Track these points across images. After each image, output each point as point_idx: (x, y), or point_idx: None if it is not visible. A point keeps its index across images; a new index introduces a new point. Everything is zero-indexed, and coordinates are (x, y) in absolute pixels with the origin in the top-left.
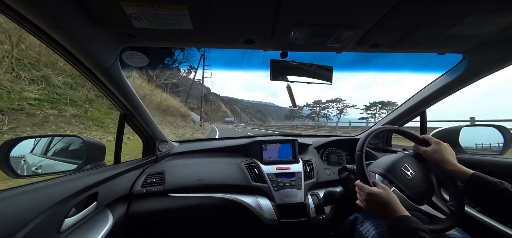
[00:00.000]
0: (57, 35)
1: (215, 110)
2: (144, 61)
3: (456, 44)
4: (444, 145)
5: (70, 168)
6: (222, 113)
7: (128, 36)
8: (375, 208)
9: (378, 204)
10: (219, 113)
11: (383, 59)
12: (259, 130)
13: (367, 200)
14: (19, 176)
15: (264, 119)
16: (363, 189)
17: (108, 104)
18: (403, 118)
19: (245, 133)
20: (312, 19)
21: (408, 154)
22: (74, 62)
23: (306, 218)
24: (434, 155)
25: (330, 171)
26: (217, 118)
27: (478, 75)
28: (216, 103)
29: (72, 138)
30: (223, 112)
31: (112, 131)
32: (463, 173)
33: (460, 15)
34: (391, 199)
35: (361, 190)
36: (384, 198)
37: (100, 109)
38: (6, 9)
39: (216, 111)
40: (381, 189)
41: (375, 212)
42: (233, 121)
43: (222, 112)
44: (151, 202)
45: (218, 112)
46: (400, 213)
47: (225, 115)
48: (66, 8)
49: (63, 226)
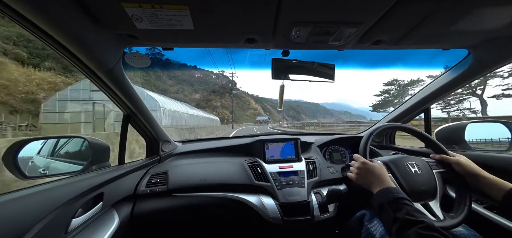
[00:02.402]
0: (61, 37)
1: (242, 107)
2: (147, 62)
3: (461, 39)
4: (465, 158)
5: (76, 169)
6: (252, 110)
7: (130, 37)
8: (365, 179)
9: (369, 175)
10: (249, 111)
11: (386, 56)
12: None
13: (360, 168)
14: (27, 177)
15: (297, 116)
16: (358, 159)
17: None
18: (407, 115)
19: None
20: (313, 17)
21: (429, 162)
22: (78, 63)
23: (310, 216)
24: (466, 168)
25: (333, 169)
26: (246, 118)
27: (484, 70)
28: (244, 99)
29: (77, 139)
30: (253, 109)
31: None
32: (501, 187)
33: (465, 10)
34: (383, 174)
35: (356, 160)
36: (376, 170)
37: None
38: (11, 12)
39: (244, 109)
40: (375, 163)
41: (364, 183)
42: (268, 120)
43: (252, 109)
44: (156, 201)
45: (246, 110)
46: (389, 185)
47: (256, 113)
48: (69, 10)
49: (70, 227)
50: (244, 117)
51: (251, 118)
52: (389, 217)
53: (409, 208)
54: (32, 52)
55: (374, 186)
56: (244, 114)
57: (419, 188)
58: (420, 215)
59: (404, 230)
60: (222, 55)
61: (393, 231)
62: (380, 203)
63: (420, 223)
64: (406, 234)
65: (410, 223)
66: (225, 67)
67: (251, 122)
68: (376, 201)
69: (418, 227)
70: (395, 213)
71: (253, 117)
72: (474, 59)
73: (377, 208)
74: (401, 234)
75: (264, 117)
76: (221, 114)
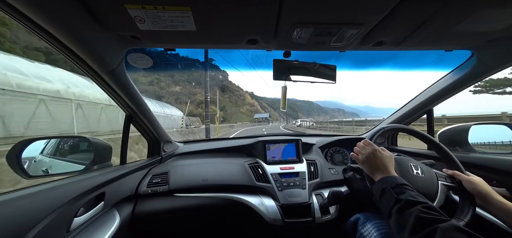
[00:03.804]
0: (64, 38)
1: (236, 102)
2: (149, 63)
3: (464, 40)
4: (479, 178)
5: (78, 169)
6: (247, 107)
7: (133, 38)
8: (372, 164)
9: (378, 161)
10: (244, 108)
11: (388, 57)
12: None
13: (371, 153)
14: (30, 176)
15: (295, 115)
16: (370, 145)
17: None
18: (409, 117)
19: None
20: (315, 18)
21: (437, 173)
22: (81, 64)
23: (311, 218)
24: (477, 188)
25: (334, 170)
26: (241, 116)
27: (488, 71)
28: (238, 93)
29: (79, 139)
30: (249, 105)
31: None
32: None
33: (468, 10)
34: (390, 164)
35: (366, 145)
36: (386, 159)
37: None
38: (15, 13)
39: (238, 104)
40: (387, 153)
41: (369, 167)
42: (269, 118)
43: (247, 105)
44: (157, 202)
45: (241, 106)
46: (394, 175)
47: (253, 110)
48: (72, 12)
49: (72, 226)
50: (238, 115)
51: (247, 116)
52: (390, 199)
53: (412, 192)
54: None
55: (379, 173)
56: (238, 112)
57: (417, 189)
58: (423, 198)
59: (406, 209)
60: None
61: (394, 212)
62: (382, 188)
63: (422, 203)
64: (407, 212)
65: (412, 203)
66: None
67: (247, 121)
68: (379, 186)
69: (421, 206)
70: (398, 195)
71: (249, 115)
72: (478, 60)
73: (378, 193)
74: (402, 213)
75: (264, 114)
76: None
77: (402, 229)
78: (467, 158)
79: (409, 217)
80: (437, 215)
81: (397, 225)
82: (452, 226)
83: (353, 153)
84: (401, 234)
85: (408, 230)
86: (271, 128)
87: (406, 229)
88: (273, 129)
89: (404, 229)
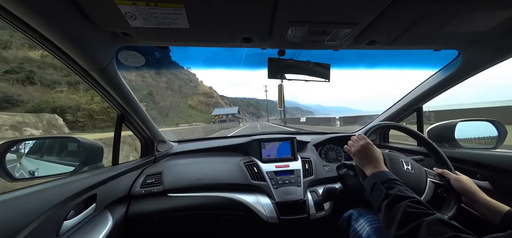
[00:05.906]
0: (51, 35)
1: (181, 89)
2: (141, 61)
3: (451, 40)
4: (467, 177)
5: (68, 170)
6: (202, 97)
7: (124, 35)
8: (363, 156)
9: (369, 154)
10: (195, 98)
11: (380, 56)
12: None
13: (363, 146)
14: (15, 179)
15: (258, 114)
16: (363, 139)
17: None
18: (399, 115)
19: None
20: (309, 17)
21: (427, 171)
22: (69, 62)
23: (306, 215)
24: (464, 187)
25: (328, 168)
26: (190, 113)
27: (473, 70)
28: (185, 75)
29: (68, 140)
30: (204, 96)
31: None
32: (498, 210)
33: (455, 12)
34: (381, 159)
35: (360, 139)
36: (376, 154)
37: None
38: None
39: (185, 93)
40: (378, 148)
41: (360, 160)
42: (238, 116)
43: (201, 96)
44: (151, 202)
45: (191, 95)
46: (384, 169)
47: (210, 104)
48: (60, 7)
49: (62, 229)
50: (184, 109)
51: (200, 113)
52: (380, 194)
53: (402, 187)
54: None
55: (370, 167)
56: (184, 104)
57: (406, 184)
58: (412, 193)
59: (394, 203)
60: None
61: (383, 206)
62: (373, 183)
63: (410, 198)
64: (395, 206)
65: (401, 198)
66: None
67: (200, 120)
68: (370, 181)
69: (409, 201)
70: (388, 190)
71: (204, 110)
72: (464, 60)
73: (369, 188)
74: (391, 207)
75: (229, 109)
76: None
77: (391, 223)
78: (453, 153)
79: (397, 211)
80: (424, 209)
81: (386, 219)
82: (437, 219)
83: (346, 146)
84: (390, 228)
85: (396, 224)
86: (248, 128)
87: (394, 222)
88: (252, 129)
89: (393, 222)
